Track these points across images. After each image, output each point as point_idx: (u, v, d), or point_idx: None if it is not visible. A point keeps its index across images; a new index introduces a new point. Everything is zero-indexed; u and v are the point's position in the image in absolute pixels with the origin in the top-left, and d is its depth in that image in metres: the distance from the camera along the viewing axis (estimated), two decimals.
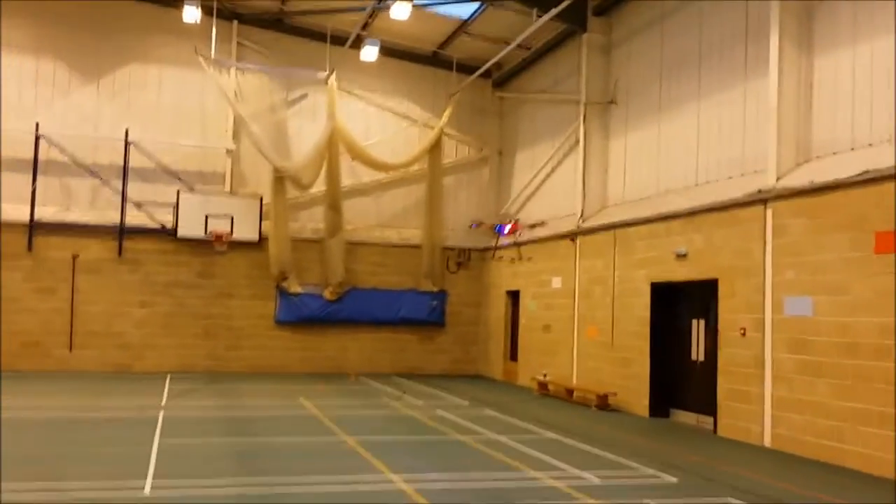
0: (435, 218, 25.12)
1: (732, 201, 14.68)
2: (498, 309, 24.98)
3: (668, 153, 17.61)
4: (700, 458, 12.36)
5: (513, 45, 21.31)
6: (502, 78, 25.78)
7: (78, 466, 10.18)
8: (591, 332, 19.53)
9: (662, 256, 16.79)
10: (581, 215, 20.19)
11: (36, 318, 22.41)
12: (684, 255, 16.07)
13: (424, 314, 25.15)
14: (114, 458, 10.79)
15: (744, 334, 14.20)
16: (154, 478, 9.43)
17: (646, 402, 17.11)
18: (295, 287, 24.07)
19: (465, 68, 25.10)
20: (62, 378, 20.78)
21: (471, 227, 25.48)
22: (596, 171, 20.20)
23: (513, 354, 24.16)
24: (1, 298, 21.96)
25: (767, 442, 13.53)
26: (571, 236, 20.60)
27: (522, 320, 23.38)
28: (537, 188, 23.56)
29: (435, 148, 25.25)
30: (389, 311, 24.80)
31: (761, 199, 13.97)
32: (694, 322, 16.45)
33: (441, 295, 25.43)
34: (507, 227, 24.11)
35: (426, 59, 25.73)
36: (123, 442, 12.00)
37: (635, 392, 17.44)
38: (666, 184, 17.56)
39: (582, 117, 20.39)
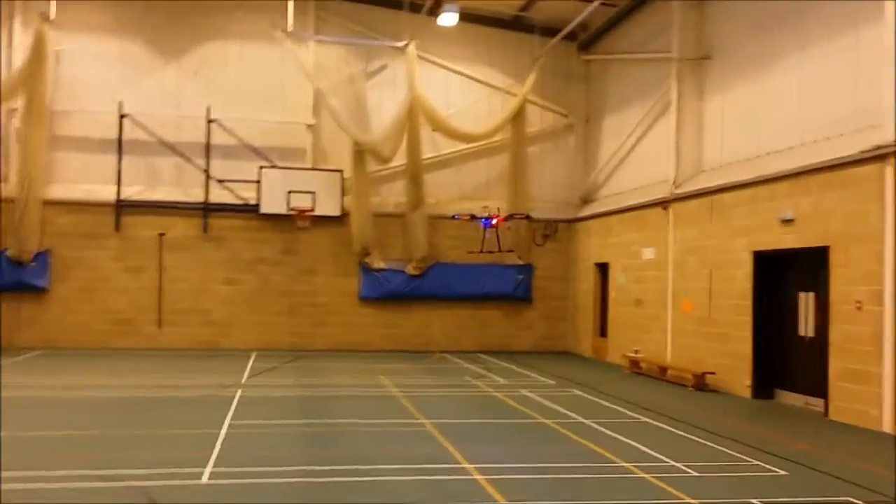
0: (519, 189, 24.20)
1: (845, 159, 13.27)
2: (586, 282, 23.93)
3: (769, 111, 16.17)
4: (810, 447, 11.20)
5: (597, 2, 20.09)
6: (588, 39, 24.50)
7: (141, 450, 9.83)
8: (686, 306, 18.32)
9: (765, 223, 15.46)
10: (674, 181, 18.93)
11: (126, 297, 22.62)
12: (791, 221, 14.73)
13: (510, 289, 24.31)
14: (180, 442, 10.43)
15: (860, 308, 12.86)
16: (215, 465, 8.97)
17: (748, 381, 15.87)
18: (378, 263, 23.61)
19: (549, 31, 23.97)
20: (150, 356, 20.90)
21: (453, 218, 23.21)
22: (690, 134, 18.86)
23: (602, 330, 23.11)
24: None
25: (887, 427, 12.23)
26: (664, 204, 19.37)
27: (612, 294, 22.30)
28: (626, 155, 22.32)
29: (518, 116, 24.25)
30: (474, 287, 24.05)
31: (879, 156, 12.55)
32: (802, 295, 15.10)
33: (527, 269, 24.53)
34: (493, 221, 22.39)
35: (507, 22, 24.69)
36: (194, 423, 11.66)
37: (735, 371, 16.22)
38: (768, 145, 16.16)
39: (674, 76, 19.06)
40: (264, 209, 22.83)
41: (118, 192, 22.52)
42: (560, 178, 25.22)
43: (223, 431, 10.99)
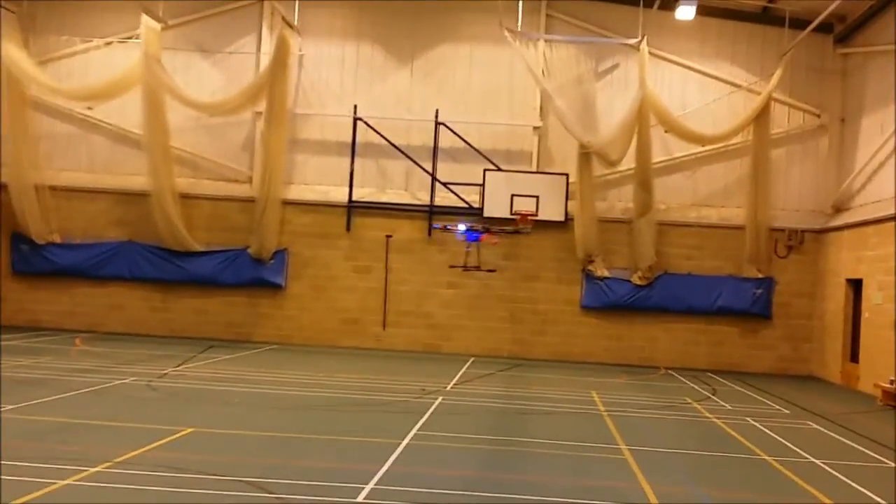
0: (761, 195, 22.09)
1: None
2: (836, 300, 21.34)
3: None
4: None
5: None
6: (846, 31, 21.86)
7: (310, 458, 9.72)
8: None
9: None
10: None
11: (354, 296, 23.30)
12: None
13: (747, 304, 22.24)
14: (355, 451, 10.22)
15: None
16: (378, 482, 8.56)
17: None
18: (601, 270, 22.59)
19: (799, 23, 21.65)
20: (372, 356, 21.35)
21: (438, 227, 21.73)
22: None
23: (853, 355, 20.48)
24: None
25: None
26: None
27: (865, 314, 19.68)
28: (887, 158, 19.60)
29: (762, 116, 22.11)
30: (706, 300, 22.30)
31: None
32: None
33: (767, 282, 22.32)
34: (481, 235, 20.47)
35: (751, 15, 22.66)
36: (379, 431, 11.42)
37: None
38: None
39: None
40: (487, 213, 22.57)
41: (350, 194, 23.23)
42: (808, 183, 22.76)
43: (404, 442, 10.65)
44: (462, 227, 20.72)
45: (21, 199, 22.61)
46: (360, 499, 7.89)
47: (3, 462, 8.33)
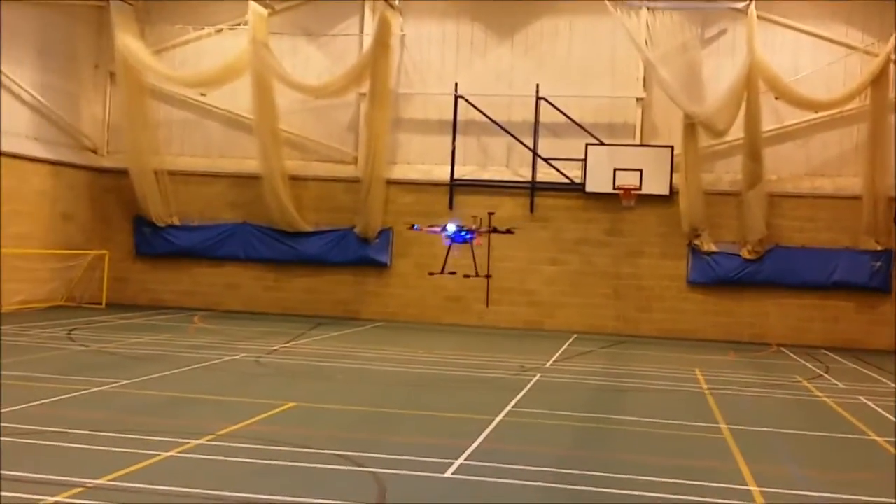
0: (879, 163, 21.08)
1: None
2: None
3: None
4: None
5: None
6: None
7: (403, 433, 9.90)
8: None
9: None
10: None
11: (456, 275, 23.42)
12: None
13: (864, 278, 21.28)
14: (446, 426, 10.37)
15: None
16: (468, 457, 8.66)
17: None
18: (708, 245, 22.04)
19: None
20: (475, 333, 21.56)
21: (411, 228, 19.46)
22: None
23: None
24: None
25: None
26: None
27: None
28: None
29: (880, 80, 21.04)
30: (820, 274, 21.45)
31: None
32: None
33: (886, 255, 21.27)
34: (474, 236, 17.67)
35: None
36: (473, 407, 11.53)
37: None
38: None
39: None
40: (590, 188, 22.36)
41: (452, 172, 23.38)
42: None
43: (497, 419, 10.72)
44: (452, 226, 17.70)
45: (142, 184, 23.74)
46: (447, 474, 8.02)
47: (110, 434, 8.86)
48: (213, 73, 23.49)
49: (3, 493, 6.63)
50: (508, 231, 18.76)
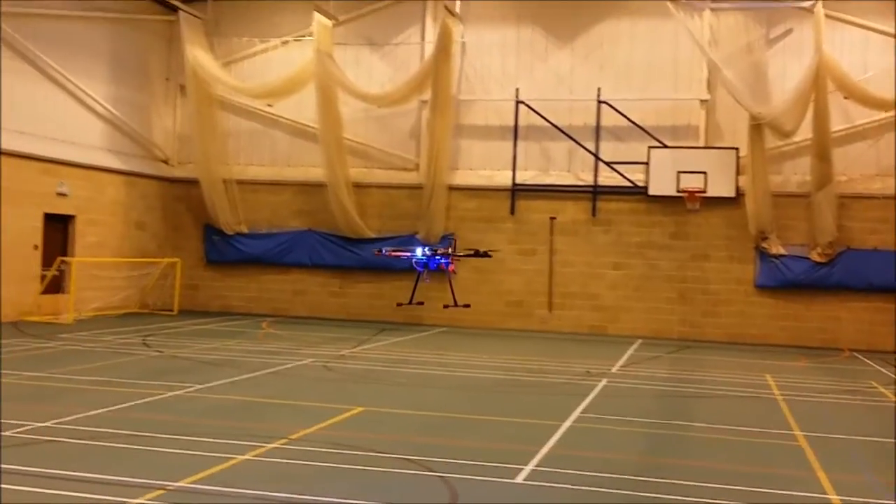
0: None
1: None
2: None
3: None
4: None
5: None
6: None
7: (470, 438, 9.95)
8: None
9: None
10: None
11: (519, 279, 23.51)
12: None
13: None
14: (514, 431, 10.33)
15: None
16: (538, 463, 8.63)
17: None
18: (777, 248, 21.64)
19: None
20: (538, 338, 21.54)
21: (379, 253, 18.20)
22: None
23: None
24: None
25: None
26: None
27: None
28: None
29: None
30: (893, 277, 20.83)
31: None
32: None
33: None
34: (448, 261, 15.94)
35: None
36: (540, 412, 11.52)
37: None
38: None
39: None
40: (653, 191, 22.20)
41: (513, 177, 23.41)
42: None
43: (566, 424, 10.72)
44: (420, 251, 15.98)
45: (211, 192, 24.32)
46: (519, 479, 8.06)
47: (186, 437, 9.14)
48: (279, 84, 23.95)
49: (89, 496, 6.89)
50: (486, 254, 17.18)
